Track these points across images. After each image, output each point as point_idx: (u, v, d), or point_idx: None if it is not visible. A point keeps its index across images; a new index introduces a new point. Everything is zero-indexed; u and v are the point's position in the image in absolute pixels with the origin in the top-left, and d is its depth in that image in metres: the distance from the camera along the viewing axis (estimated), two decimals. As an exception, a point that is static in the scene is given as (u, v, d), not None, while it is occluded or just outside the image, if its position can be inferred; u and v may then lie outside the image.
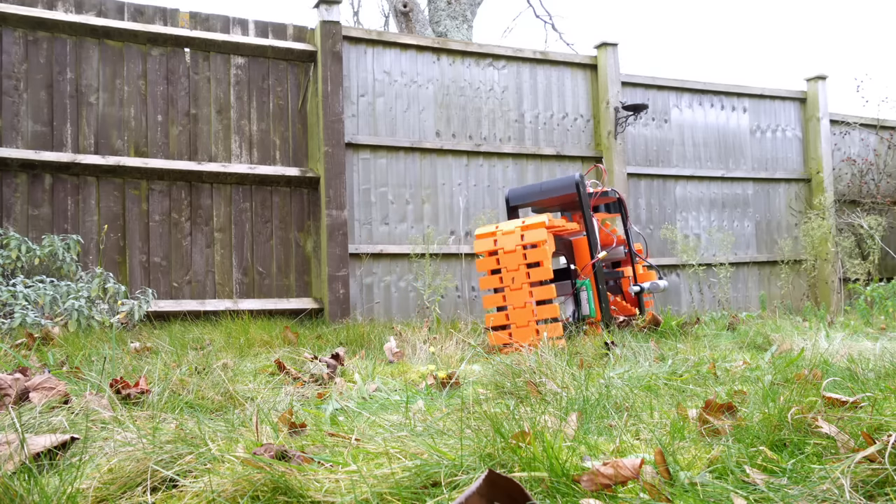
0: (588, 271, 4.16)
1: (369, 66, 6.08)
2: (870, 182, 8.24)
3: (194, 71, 5.54)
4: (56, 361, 2.76)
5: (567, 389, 2.03)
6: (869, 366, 2.37)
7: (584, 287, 4.08)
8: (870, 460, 1.15)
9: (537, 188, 4.45)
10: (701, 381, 2.35)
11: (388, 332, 4.16)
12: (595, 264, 4.15)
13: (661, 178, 7.21)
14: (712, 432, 1.53)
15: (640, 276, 4.69)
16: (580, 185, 4.24)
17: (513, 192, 4.56)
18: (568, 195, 4.31)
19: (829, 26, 32.44)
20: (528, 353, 2.49)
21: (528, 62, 6.73)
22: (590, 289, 4.09)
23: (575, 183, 4.25)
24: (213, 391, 2.09)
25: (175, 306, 5.21)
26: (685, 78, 7.39)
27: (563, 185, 4.32)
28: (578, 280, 4.12)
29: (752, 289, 7.56)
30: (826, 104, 7.96)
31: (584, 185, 4.27)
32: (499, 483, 0.93)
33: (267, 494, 1.15)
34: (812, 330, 3.95)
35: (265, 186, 5.69)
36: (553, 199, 4.41)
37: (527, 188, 4.51)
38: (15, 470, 1.23)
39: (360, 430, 1.59)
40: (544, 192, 4.39)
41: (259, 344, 3.67)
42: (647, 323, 4.09)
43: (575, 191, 4.25)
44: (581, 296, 4.10)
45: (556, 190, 4.34)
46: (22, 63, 5.06)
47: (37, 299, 4.20)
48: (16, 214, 4.93)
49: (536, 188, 4.45)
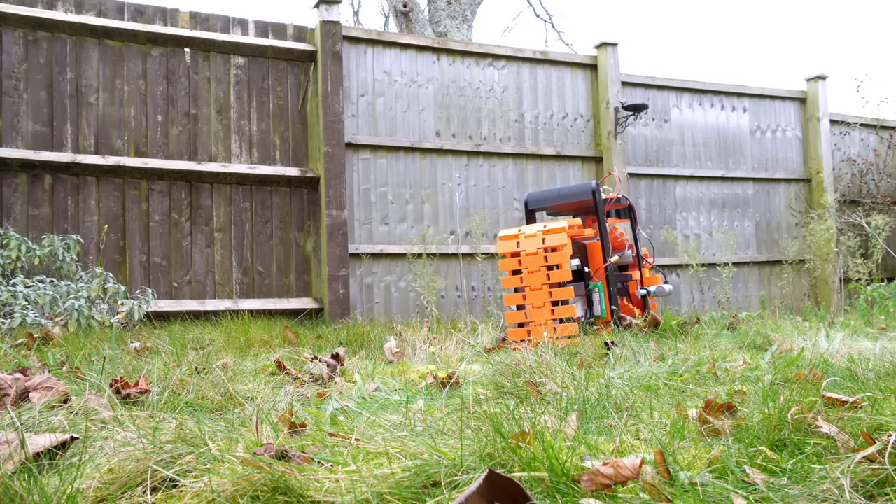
0: (601, 274, 4.36)
1: (369, 66, 6.08)
2: (870, 182, 8.24)
3: (194, 71, 5.54)
4: (56, 361, 2.75)
5: (567, 389, 2.03)
6: (869, 366, 2.37)
7: (597, 289, 4.27)
8: (870, 460, 1.15)
9: (555, 193, 4.68)
10: (701, 381, 2.35)
11: (388, 332, 4.16)
12: (607, 267, 4.35)
13: (662, 178, 7.21)
14: (712, 432, 1.53)
15: (646, 280, 4.83)
16: (596, 192, 4.47)
17: (531, 197, 4.78)
18: (584, 201, 4.55)
19: (829, 26, 32.44)
20: (526, 352, 2.49)
21: (528, 62, 6.73)
22: (601, 291, 4.28)
23: (591, 190, 4.48)
24: (213, 391, 2.09)
25: (175, 306, 5.21)
26: (685, 78, 7.39)
27: (580, 191, 4.54)
28: (591, 282, 4.31)
29: (752, 289, 7.55)
30: (826, 104, 7.96)
31: (599, 192, 4.50)
32: (499, 483, 0.93)
33: (267, 494, 1.15)
34: (812, 330, 3.95)
35: (265, 186, 5.69)
36: (570, 204, 4.64)
37: (544, 193, 4.74)
38: (15, 470, 1.23)
39: (360, 430, 1.59)
40: (562, 197, 4.63)
41: (259, 344, 3.67)
42: (648, 323, 4.09)
43: (591, 197, 4.48)
44: (594, 297, 4.29)
45: (574, 196, 4.57)
46: (22, 63, 5.06)
47: (37, 299, 4.20)
48: (16, 214, 4.93)
49: (554, 193, 4.68)
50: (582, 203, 4.57)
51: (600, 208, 4.44)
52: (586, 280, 4.34)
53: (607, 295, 4.34)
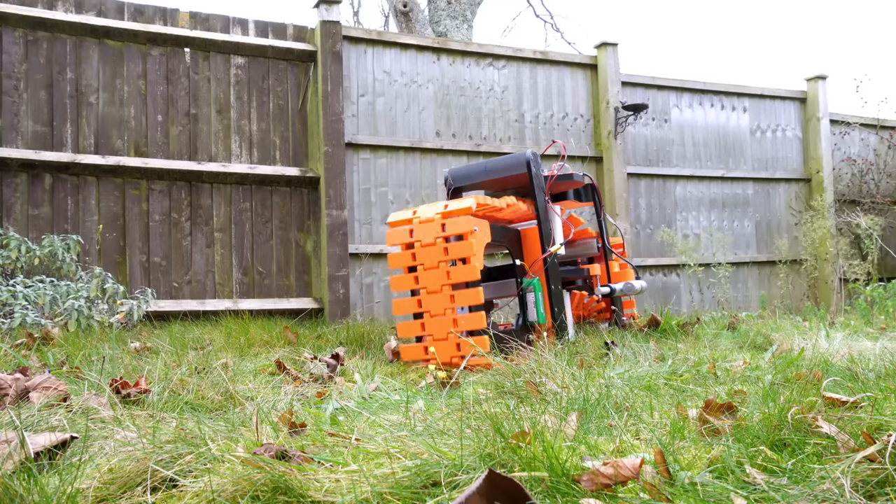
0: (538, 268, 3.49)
1: (369, 65, 6.08)
2: (870, 182, 8.24)
3: (194, 71, 5.54)
4: (56, 361, 2.75)
5: (567, 389, 2.03)
6: (869, 366, 2.37)
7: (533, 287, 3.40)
8: (870, 460, 1.15)
9: (481, 167, 3.78)
10: (701, 380, 2.35)
11: (388, 332, 4.16)
12: (548, 260, 3.49)
13: (661, 178, 7.21)
14: (712, 432, 1.53)
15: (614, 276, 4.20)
16: (532, 163, 3.60)
17: (455, 172, 3.86)
18: (518, 176, 3.63)
19: (829, 26, 32.43)
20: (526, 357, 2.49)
21: (528, 62, 6.73)
22: (539, 290, 3.40)
23: (526, 161, 3.60)
24: (213, 391, 2.09)
25: (175, 306, 5.21)
26: (685, 78, 7.39)
27: (512, 163, 3.66)
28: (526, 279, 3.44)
29: (752, 289, 7.55)
30: (826, 104, 7.96)
31: (537, 163, 3.65)
32: (499, 483, 0.93)
33: (267, 494, 1.14)
34: (812, 330, 3.95)
35: (265, 186, 5.69)
36: (501, 180, 3.73)
37: (471, 167, 3.83)
38: (15, 469, 1.23)
39: (361, 429, 1.59)
40: (489, 171, 3.72)
41: (259, 344, 3.67)
42: (648, 323, 4.09)
43: (526, 170, 3.60)
44: (527, 298, 3.41)
45: (505, 169, 3.67)
46: (22, 63, 5.06)
47: (37, 299, 4.20)
48: (16, 214, 4.93)
49: (481, 167, 3.78)
50: (517, 178, 3.67)
51: (538, 184, 3.60)
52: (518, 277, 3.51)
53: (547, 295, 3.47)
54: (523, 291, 3.42)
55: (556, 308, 3.48)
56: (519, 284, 3.47)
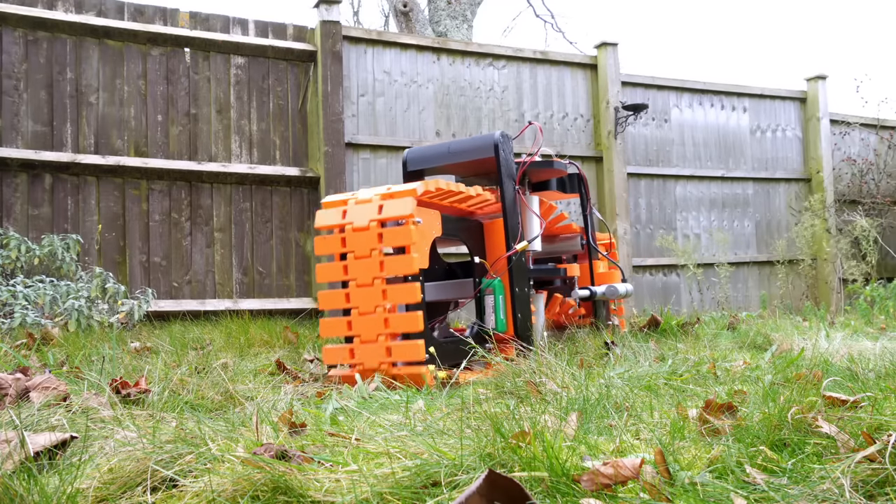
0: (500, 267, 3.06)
1: (369, 65, 6.08)
2: (870, 182, 8.24)
3: (194, 71, 5.54)
4: (56, 361, 2.75)
5: (567, 389, 2.03)
6: (869, 365, 2.37)
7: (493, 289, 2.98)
8: (870, 460, 1.15)
9: (444, 148, 3.32)
10: (701, 380, 2.35)
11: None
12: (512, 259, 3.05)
13: (661, 178, 7.21)
14: (712, 432, 1.53)
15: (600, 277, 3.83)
16: (501, 146, 3.13)
17: (412, 153, 3.41)
18: (486, 160, 3.19)
19: (829, 26, 32.43)
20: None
21: (528, 62, 6.73)
22: (500, 292, 2.99)
23: (494, 144, 3.13)
24: (213, 391, 2.09)
25: (175, 306, 5.21)
26: (685, 78, 7.39)
27: (480, 145, 3.19)
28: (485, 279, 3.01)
29: (752, 289, 7.55)
30: (826, 104, 7.96)
31: (507, 146, 3.18)
32: (499, 483, 0.93)
33: (267, 494, 1.14)
34: (812, 330, 3.95)
35: (265, 186, 5.69)
36: (466, 164, 3.28)
37: (432, 147, 3.37)
38: (14, 469, 1.23)
39: (360, 429, 1.59)
40: (453, 153, 3.26)
41: (259, 344, 3.67)
42: (647, 323, 4.09)
43: (493, 154, 3.14)
44: (485, 302, 2.99)
45: (471, 152, 3.20)
46: (22, 63, 5.06)
47: (37, 299, 4.20)
48: (16, 214, 4.93)
49: (444, 148, 3.32)
50: (483, 163, 3.21)
51: (506, 170, 3.12)
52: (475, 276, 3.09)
53: (509, 299, 3.01)
54: (481, 293, 3.00)
55: (519, 314, 3.01)
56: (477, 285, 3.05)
